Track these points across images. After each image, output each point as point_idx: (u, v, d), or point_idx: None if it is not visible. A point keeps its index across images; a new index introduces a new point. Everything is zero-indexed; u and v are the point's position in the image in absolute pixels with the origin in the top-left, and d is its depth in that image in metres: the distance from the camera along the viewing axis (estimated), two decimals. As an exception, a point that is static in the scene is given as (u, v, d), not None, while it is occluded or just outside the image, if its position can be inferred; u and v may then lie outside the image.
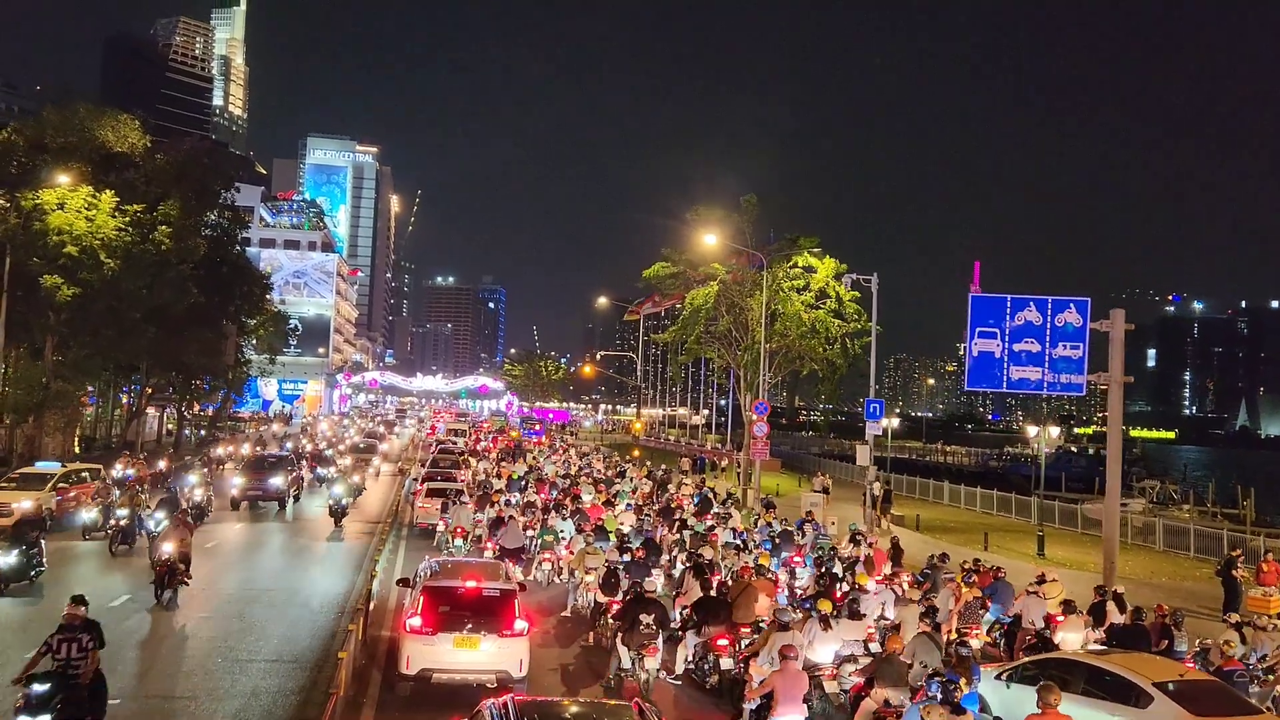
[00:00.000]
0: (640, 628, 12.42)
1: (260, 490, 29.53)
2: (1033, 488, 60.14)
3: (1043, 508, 41.35)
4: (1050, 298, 20.00)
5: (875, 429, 26.69)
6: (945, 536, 32.82)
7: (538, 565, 19.93)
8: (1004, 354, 19.79)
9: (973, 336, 19.91)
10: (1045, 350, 19.74)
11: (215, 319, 47.15)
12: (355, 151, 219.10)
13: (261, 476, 29.94)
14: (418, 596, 12.51)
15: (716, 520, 23.86)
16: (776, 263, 38.34)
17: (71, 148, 32.82)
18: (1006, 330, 19.79)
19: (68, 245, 30.14)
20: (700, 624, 13.18)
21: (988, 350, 19.83)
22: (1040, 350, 19.74)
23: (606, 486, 31.28)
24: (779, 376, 41.41)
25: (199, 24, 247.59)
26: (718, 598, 13.97)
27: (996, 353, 19.79)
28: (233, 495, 29.15)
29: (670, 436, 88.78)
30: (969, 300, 19.84)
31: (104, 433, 50.44)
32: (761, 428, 34.98)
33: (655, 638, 12.49)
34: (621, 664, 12.87)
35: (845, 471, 57.43)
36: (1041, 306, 19.89)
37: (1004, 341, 19.77)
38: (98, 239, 30.71)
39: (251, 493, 29.40)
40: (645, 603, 12.83)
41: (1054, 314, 19.77)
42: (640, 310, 72.13)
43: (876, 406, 26.15)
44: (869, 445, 26.52)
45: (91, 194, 31.07)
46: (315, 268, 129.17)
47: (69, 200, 30.57)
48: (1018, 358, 19.81)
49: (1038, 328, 19.76)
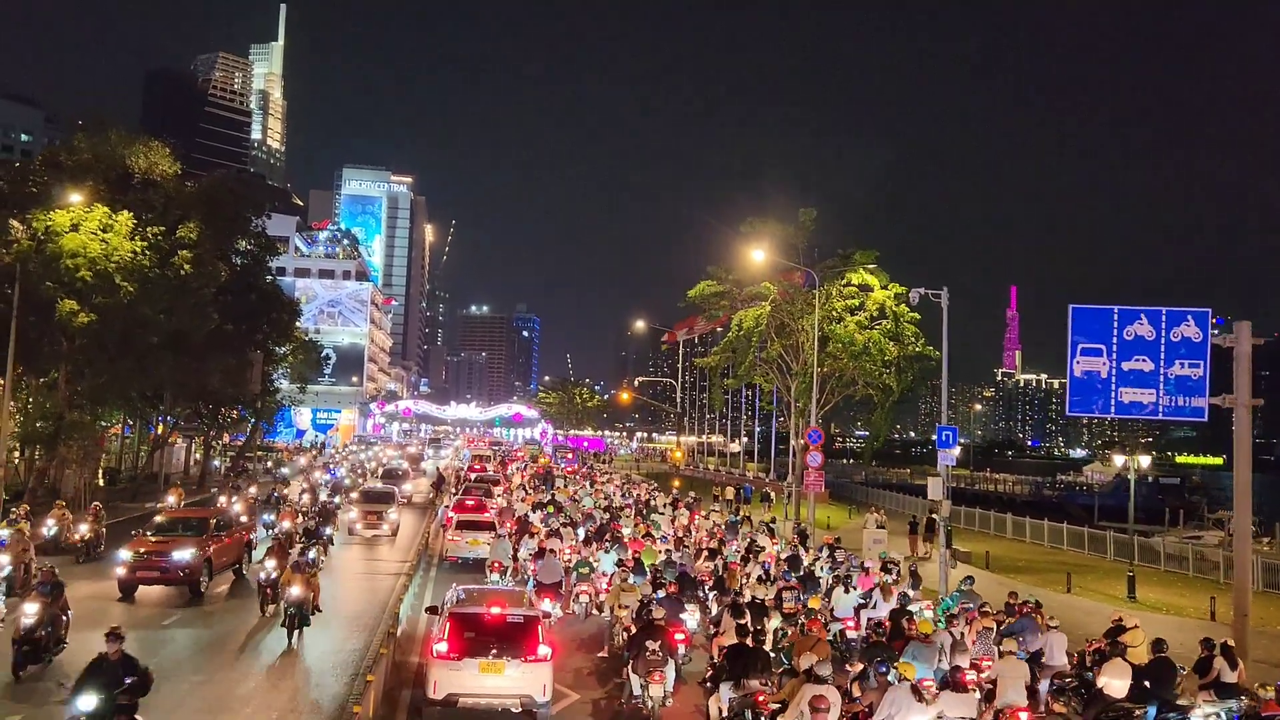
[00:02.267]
0: (646, 654, 12.50)
1: (159, 570, 19.21)
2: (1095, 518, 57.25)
3: (1119, 543, 38.35)
4: (1164, 309, 17.33)
5: (948, 458, 23.99)
6: (1021, 577, 29.97)
7: (575, 598, 19.40)
8: (1111, 374, 17.18)
9: (1074, 354, 17.32)
10: (1160, 369, 17.10)
11: (240, 346, 45.54)
12: (390, 182, 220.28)
13: (166, 548, 19.48)
14: (444, 623, 12.79)
15: (747, 551, 22.79)
16: (829, 280, 35.87)
17: (87, 165, 31.43)
18: (1114, 346, 17.18)
19: (82, 269, 28.58)
20: (735, 675, 12.12)
21: (1092, 370, 17.24)
22: (1154, 369, 17.09)
23: (643, 518, 30.27)
24: (830, 402, 38.75)
25: (238, 59, 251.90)
26: (756, 648, 12.85)
27: (1102, 372, 17.19)
28: (119, 576, 19.26)
29: (710, 465, 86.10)
30: (1069, 313, 17.28)
31: (129, 464, 49.08)
32: (816, 458, 32.47)
33: (662, 665, 12.53)
34: (632, 691, 13.01)
35: (894, 501, 54.84)
36: (1155, 319, 17.25)
37: (1111, 359, 17.16)
38: (113, 262, 29.13)
39: (144, 574, 19.17)
40: (652, 629, 12.92)
41: (1169, 327, 17.13)
42: (675, 335, 70.09)
43: (949, 434, 23.45)
44: (941, 476, 23.85)
45: (107, 214, 29.56)
46: (349, 296, 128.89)
47: (85, 221, 29.08)
48: (1127, 378, 17.17)
49: (1150, 343, 17.13)
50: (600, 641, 17.05)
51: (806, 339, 34.90)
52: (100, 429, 42.97)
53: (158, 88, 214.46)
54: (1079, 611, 22.90)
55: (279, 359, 57.53)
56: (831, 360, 36.18)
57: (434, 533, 30.42)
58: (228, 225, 43.94)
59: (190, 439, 55.85)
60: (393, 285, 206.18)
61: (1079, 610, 23.19)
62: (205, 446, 52.96)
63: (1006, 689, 11.92)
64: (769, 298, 36.85)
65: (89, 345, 30.48)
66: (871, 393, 37.74)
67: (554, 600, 18.35)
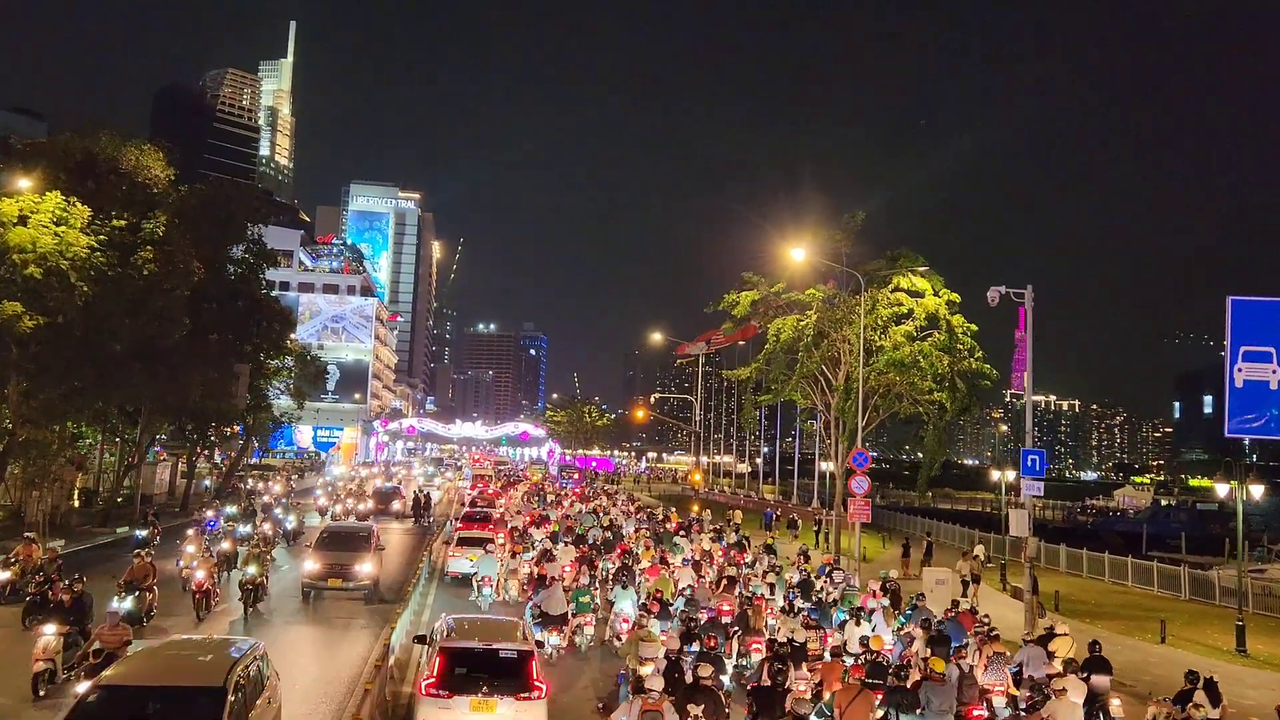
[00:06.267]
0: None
1: None
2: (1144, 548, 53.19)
3: (1194, 580, 34.35)
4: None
5: (1034, 488, 20.07)
6: (1101, 624, 25.84)
7: (578, 630, 18.32)
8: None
9: (1234, 359, 13.55)
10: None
11: (224, 357, 41.96)
12: (398, 198, 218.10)
13: None
14: (434, 658, 12.28)
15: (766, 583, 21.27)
16: (873, 285, 32.04)
17: (41, 150, 27.97)
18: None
19: (30, 266, 25.03)
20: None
21: (1259, 380, 13.46)
22: (1346, 380, 13.33)
23: (655, 543, 28.14)
24: (875, 421, 34.81)
25: (247, 75, 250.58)
26: (771, 688, 11.67)
27: (1272, 382, 13.42)
28: None
29: (725, 487, 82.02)
30: (1227, 307, 13.48)
31: (109, 485, 45.50)
32: (862, 483, 28.63)
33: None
34: None
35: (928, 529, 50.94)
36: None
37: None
38: (67, 258, 25.58)
39: None
40: (695, 691, 10.98)
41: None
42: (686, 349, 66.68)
43: (1035, 459, 19.62)
44: (1025, 509, 19.98)
45: (62, 204, 26.01)
46: (354, 312, 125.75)
47: (37, 211, 25.56)
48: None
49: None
50: (605, 683, 15.33)
51: (850, 349, 31.09)
52: (77, 449, 39.46)
53: (166, 103, 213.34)
54: (1178, 667, 17.08)
55: (271, 372, 54.11)
56: (876, 375, 32.27)
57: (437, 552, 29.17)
58: (220, 230, 40.83)
59: (177, 457, 52.30)
60: (399, 302, 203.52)
61: (1180, 666, 17.33)
62: (190, 465, 49.24)
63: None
64: (811, 305, 32.97)
65: (43, 353, 26.85)
66: (920, 410, 33.76)
67: (558, 634, 17.43)
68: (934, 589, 25.45)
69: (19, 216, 25.37)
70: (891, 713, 11.37)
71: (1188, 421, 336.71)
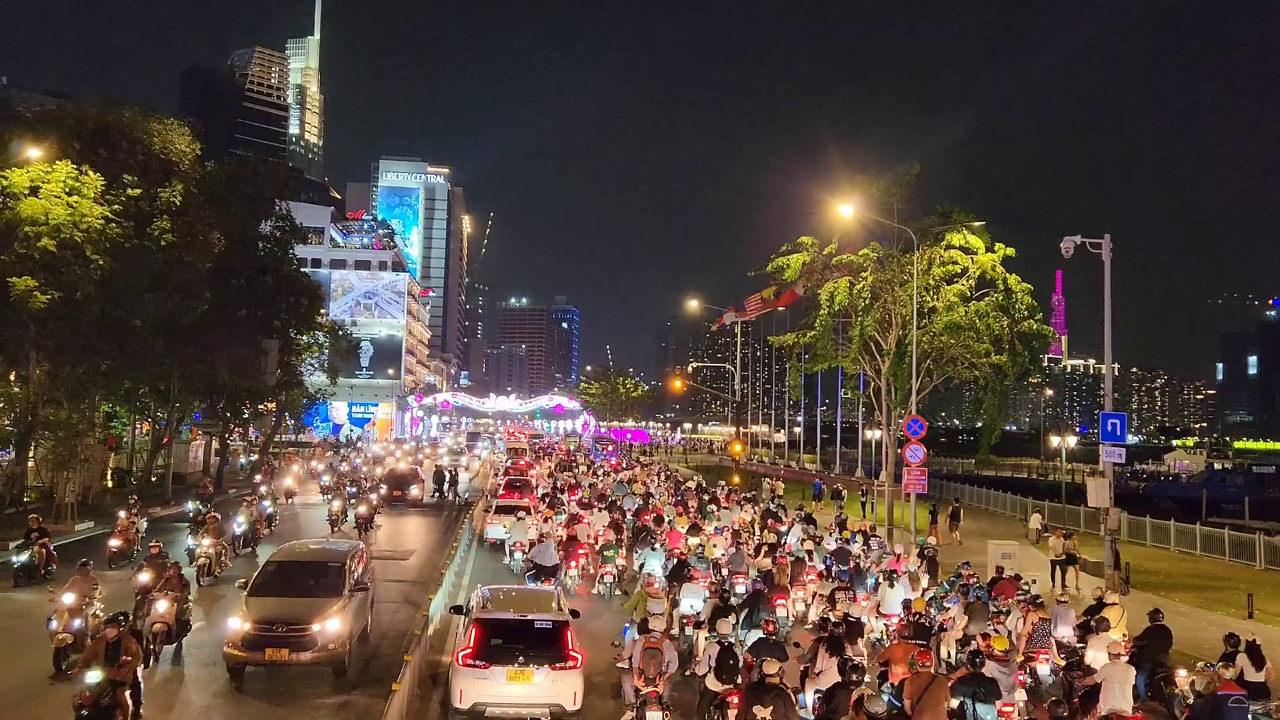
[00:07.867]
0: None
1: None
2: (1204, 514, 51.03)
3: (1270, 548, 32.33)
4: None
5: (1115, 454, 18.34)
6: (1178, 596, 24.08)
7: (600, 579, 20.00)
8: None
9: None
10: None
11: (253, 334, 41.09)
12: (427, 173, 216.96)
13: None
14: (470, 628, 12.33)
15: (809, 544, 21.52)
16: (924, 243, 30.16)
17: (52, 117, 26.90)
18: None
19: (44, 238, 24.01)
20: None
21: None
22: None
23: (685, 511, 28.38)
24: (928, 386, 33.02)
25: (275, 53, 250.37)
26: (844, 683, 10.66)
27: None
28: None
29: (763, 457, 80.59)
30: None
31: (141, 464, 45.12)
32: (917, 451, 26.98)
33: None
34: None
35: (973, 497, 49.34)
36: None
37: None
38: (81, 230, 24.53)
39: None
40: (762, 691, 9.84)
41: None
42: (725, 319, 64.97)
43: (1116, 423, 17.85)
44: (1107, 478, 18.32)
45: (74, 173, 24.92)
46: (386, 288, 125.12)
47: (48, 181, 24.50)
48: None
49: None
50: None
51: (904, 310, 29.30)
52: (110, 429, 38.88)
53: (194, 84, 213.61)
54: (1272, 647, 15.86)
55: (303, 348, 53.35)
56: (930, 338, 30.49)
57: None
58: (248, 205, 39.95)
59: (210, 436, 51.90)
60: (431, 277, 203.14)
61: (1273, 645, 16.01)
62: (222, 444, 48.69)
63: (1112, 693, 10.95)
64: (865, 266, 31.15)
65: (61, 329, 25.92)
66: (976, 375, 31.90)
67: (550, 585, 17.93)
68: (1001, 563, 23.96)
69: (30, 187, 24.35)
70: (968, 703, 10.67)
71: (1231, 383, 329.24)
